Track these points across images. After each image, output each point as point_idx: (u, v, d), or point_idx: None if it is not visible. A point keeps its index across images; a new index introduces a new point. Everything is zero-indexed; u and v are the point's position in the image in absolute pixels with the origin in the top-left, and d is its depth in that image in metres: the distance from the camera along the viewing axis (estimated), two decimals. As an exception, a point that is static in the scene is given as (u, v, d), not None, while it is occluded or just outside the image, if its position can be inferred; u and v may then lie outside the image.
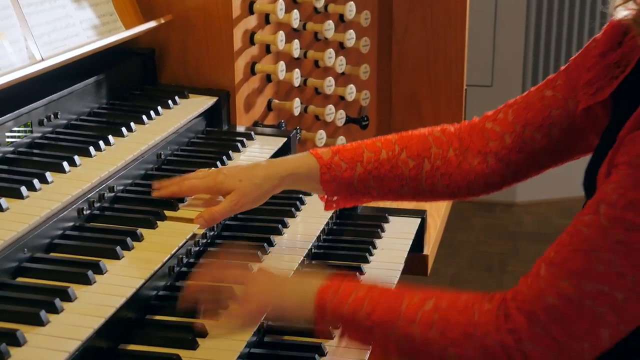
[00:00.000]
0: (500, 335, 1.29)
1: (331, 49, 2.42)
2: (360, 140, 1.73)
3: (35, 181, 1.53)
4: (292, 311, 1.47)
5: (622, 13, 1.44)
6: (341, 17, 2.49)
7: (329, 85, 2.40)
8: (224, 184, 1.65)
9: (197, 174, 1.70)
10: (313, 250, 1.87)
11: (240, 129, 2.15)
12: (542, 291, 1.28)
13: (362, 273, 1.84)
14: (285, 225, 1.87)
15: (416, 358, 1.38)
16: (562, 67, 1.67)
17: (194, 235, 1.67)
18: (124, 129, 1.83)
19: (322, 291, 1.43)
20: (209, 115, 2.11)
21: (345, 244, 1.96)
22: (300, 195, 1.96)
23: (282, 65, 2.22)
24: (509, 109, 1.70)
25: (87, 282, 1.41)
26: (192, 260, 1.70)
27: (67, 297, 1.36)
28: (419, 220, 2.11)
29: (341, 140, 2.50)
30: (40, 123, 1.76)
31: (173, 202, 1.69)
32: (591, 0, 4.98)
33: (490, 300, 1.33)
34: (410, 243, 2.02)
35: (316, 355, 1.53)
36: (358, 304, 1.39)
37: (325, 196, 1.74)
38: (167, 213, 1.66)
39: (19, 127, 1.69)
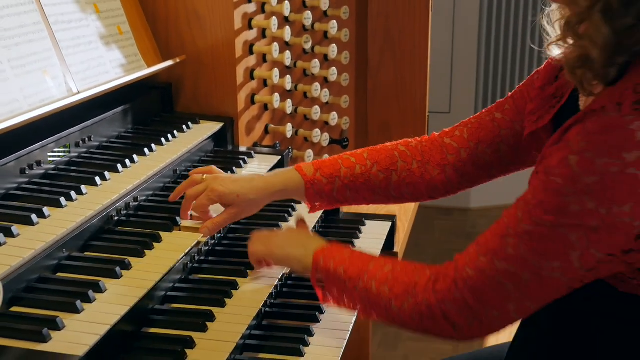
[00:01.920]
0: (426, 294, 1.31)
1: (317, 83, 2.42)
2: (336, 155, 1.73)
3: (72, 193, 1.53)
4: (294, 261, 1.54)
5: (555, 51, 1.43)
6: (325, 57, 2.49)
7: (315, 112, 2.41)
8: (223, 197, 1.63)
9: (194, 178, 1.67)
10: (303, 248, 1.87)
11: (243, 148, 2.15)
12: (465, 264, 1.29)
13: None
14: (283, 223, 1.87)
15: (372, 308, 1.41)
16: (510, 93, 1.66)
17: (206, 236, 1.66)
18: (146, 150, 1.83)
19: (319, 250, 1.48)
20: (217, 138, 2.11)
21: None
22: (292, 204, 1.95)
23: (277, 96, 2.22)
24: (464, 127, 1.69)
25: (116, 276, 1.41)
26: (202, 257, 1.70)
27: (98, 289, 1.36)
28: (390, 223, 2.11)
29: (325, 158, 2.50)
30: (77, 145, 1.75)
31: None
32: (530, 43, 5.01)
33: (431, 269, 1.35)
34: (383, 242, 2.01)
35: (305, 336, 1.53)
36: (340, 262, 1.45)
37: (309, 204, 1.74)
38: (182, 220, 1.65)
39: (59, 148, 1.68)
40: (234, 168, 1.96)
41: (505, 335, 1.60)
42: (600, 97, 1.21)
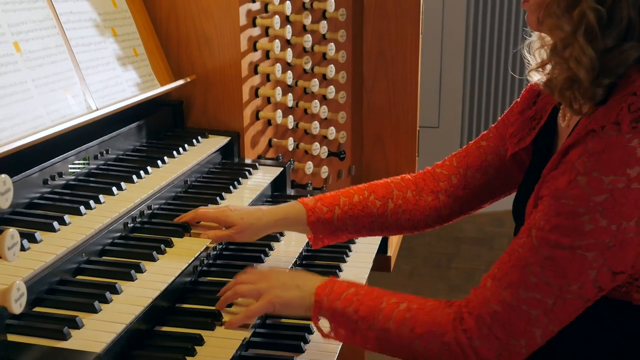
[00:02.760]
0: (456, 334, 1.26)
1: (317, 100, 2.43)
2: (337, 190, 1.70)
3: (91, 202, 1.53)
4: (295, 305, 1.42)
5: (535, 77, 1.44)
6: (324, 76, 2.50)
7: (315, 127, 2.41)
8: (229, 217, 1.62)
9: (209, 208, 1.68)
10: (303, 253, 1.86)
11: (248, 161, 2.15)
12: (488, 299, 1.25)
13: (340, 270, 1.83)
14: (282, 234, 1.87)
15: (390, 348, 1.33)
16: (493, 125, 1.67)
17: (213, 243, 1.66)
18: (159, 162, 1.83)
19: (320, 289, 1.39)
20: (224, 151, 2.11)
21: (328, 248, 1.94)
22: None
23: (279, 112, 2.23)
24: (454, 157, 1.69)
25: (130, 279, 1.41)
26: (211, 261, 1.70)
27: (115, 291, 1.35)
28: (383, 229, 2.11)
29: (324, 169, 2.50)
30: (95, 157, 1.75)
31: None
32: (510, 65, 5.03)
33: (450, 306, 1.30)
34: (377, 247, 2.01)
35: (306, 334, 1.52)
36: (348, 301, 1.35)
37: (312, 236, 1.70)
38: (192, 226, 1.65)
39: (79, 160, 1.68)
40: (240, 179, 1.96)
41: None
42: (595, 117, 1.20)
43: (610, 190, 1.15)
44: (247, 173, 2.01)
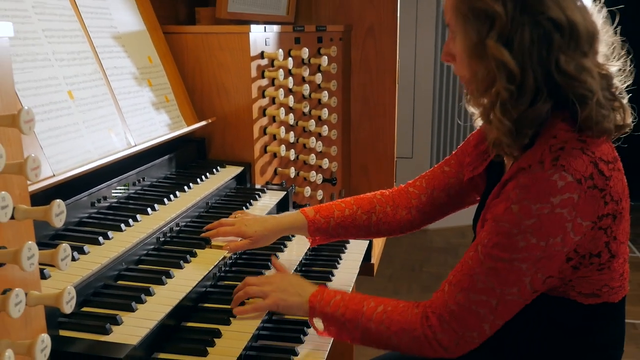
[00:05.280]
0: (423, 329, 1.29)
1: (313, 137, 2.43)
2: (331, 202, 1.73)
3: (130, 220, 1.52)
4: (294, 308, 1.44)
5: (479, 122, 1.47)
6: (319, 118, 2.50)
7: (312, 159, 2.41)
8: (246, 233, 1.63)
9: (228, 220, 1.67)
10: (303, 261, 1.85)
11: (257, 186, 2.15)
12: (446, 301, 1.27)
13: (333, 275, 1.81)
14: (285, 246, 1.86)
15: (373, 342, 1.36)
16: (453, 152, 1.69)
17: (231, 252, 1.65)
18: (185, 187, 1.82)
19: (313, 296, 1.42)
20: (238, 178, 2.10)
21: (323, 257, 1.95)
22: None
23: (283, 147, 2.23)
24: (423, 179, 1.71)
25: (162, 283, 1.39)
26: (227, 268, 1.68)
27: (148, 293, 1.34)
28: (368, 241, 2.10)
29: (320, 193, 2.50)
30: (134, 184, 1.75)
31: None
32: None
33: (417, 307, 1.32)
34: (363, 255, 2.00)
35: (305, 327, 1.51)
36: (336, 307, 1.38)
37: (311, 239, 1.73)
38: (212, 240, 1.64)
39: (120, 186, 1.68)
40: (251, 201, 1.95)
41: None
42: (525, 158, 1.23)
43: (537, 216, 1.17)
44: (257, 196, 2.01)
